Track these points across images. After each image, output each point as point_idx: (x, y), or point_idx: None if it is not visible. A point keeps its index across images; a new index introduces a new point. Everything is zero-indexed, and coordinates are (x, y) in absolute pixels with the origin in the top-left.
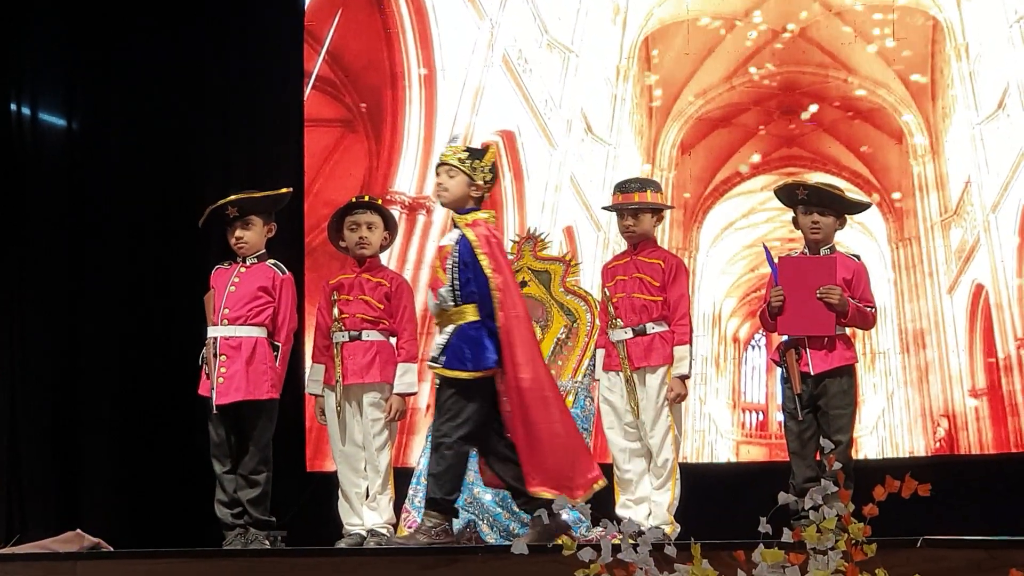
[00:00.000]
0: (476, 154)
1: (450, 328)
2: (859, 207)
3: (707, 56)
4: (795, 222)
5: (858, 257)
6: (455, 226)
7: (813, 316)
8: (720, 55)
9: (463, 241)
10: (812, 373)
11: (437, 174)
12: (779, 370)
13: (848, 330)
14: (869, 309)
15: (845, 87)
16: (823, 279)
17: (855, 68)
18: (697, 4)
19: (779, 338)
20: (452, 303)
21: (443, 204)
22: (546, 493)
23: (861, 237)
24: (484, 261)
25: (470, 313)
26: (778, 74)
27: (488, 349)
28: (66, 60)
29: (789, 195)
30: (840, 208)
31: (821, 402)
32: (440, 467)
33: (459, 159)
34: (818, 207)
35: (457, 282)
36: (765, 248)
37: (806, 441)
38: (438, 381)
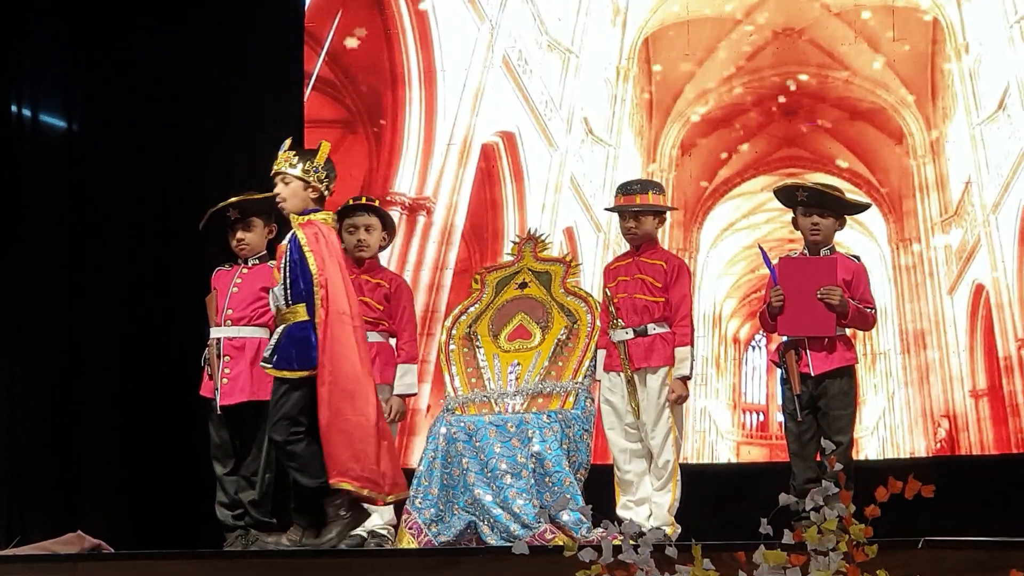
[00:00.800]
0: (307, 156)
1: (280, 328)
2: (858, 208)
3: (707, 57)
4: (795, 223)
5: (858, 258)
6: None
7: (813, 317)
8: (720, 55)
9: (293, 240)
10: (812, 374)
11: (274, 184)
12: (779, 371)
13: (848, 331)
14: (869, 310)
15: (845, 87)
16: (823, 280)
17: (855, 68)
18: (697, 4)
19: (779, 339)
20: (284, 302)
21: (284, 213)
22: (347, 484)
23: (861, 238)
24: (310, 259)
25: (300, 312)
26: (778, 74)
27: (314, 348)
28: (66, 61)
29: (788, 196)
30: (839, 209)
31: (821, 403)
32: (304, 458)
33: (290, 165)
34: (817, 208)
35: (288, 280)
36: (761, 249)
37: (806, 442)
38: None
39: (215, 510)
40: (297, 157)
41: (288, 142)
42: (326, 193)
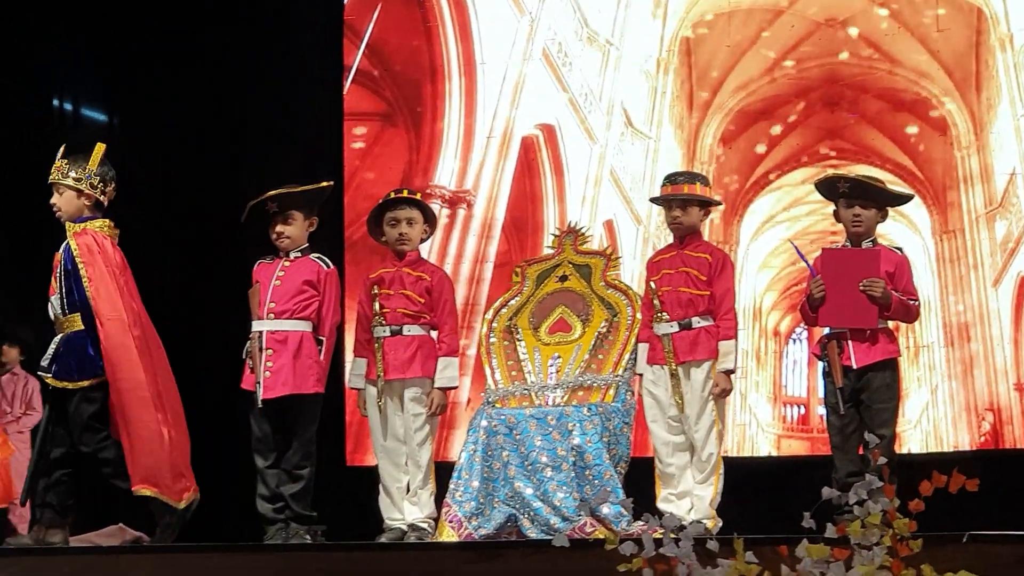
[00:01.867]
0: (79, 163)
1: (58, 337)
2: (900, 199)
3: (748, 48)
4: (836, 215)
5: (900, 249)
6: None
7: (855, 309)
8: (761, 47)
9: (66, 250)
10: (854, 367)
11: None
12: (821, 364)
13: (891, 323)
14: (912, 302)
15: (888, 78)
16: (866, 272)
17: (898, 59)
18: None
19: (821, 332)
20: (61, 312)
21: (62, 222)
22: (146, 491)
23: (904, 230)
24: (82, 270)
25: (77, 322)
26: (820, 66)
27: (93, 357)
28: (107, 56)
29: (830, 188)
30: (882, 200)
31: (863, 396)
32: (116, 463)
33: (62, 174)
34: (860, 199)
35: (63, 290)
36: (793, 245)
37: (848, 435)
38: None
39: (256, 503)
40: (69, 165)
41: (62, 149)
42: (102, 199)
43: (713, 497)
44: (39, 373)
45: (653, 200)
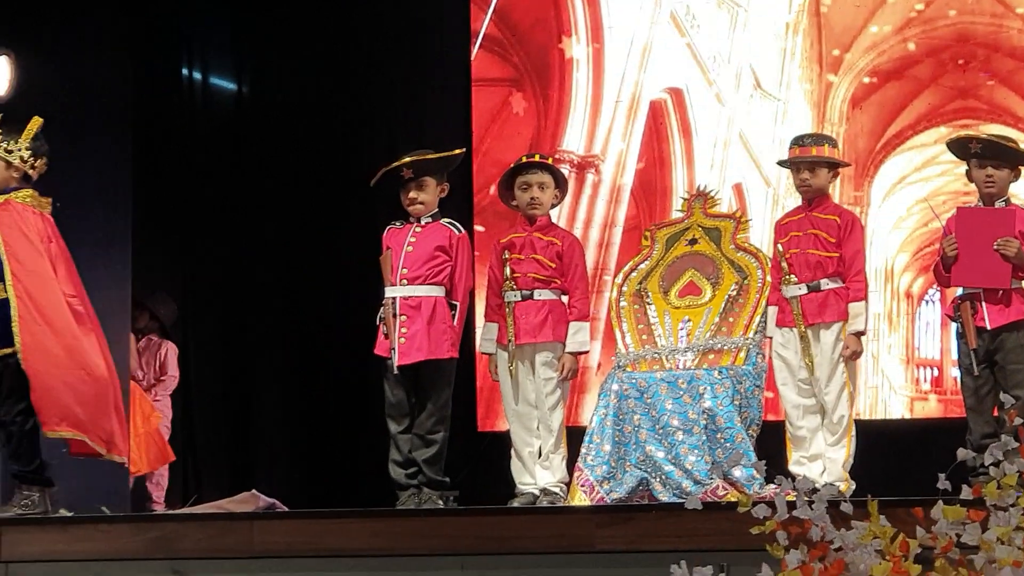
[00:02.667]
0: (11, 136)
1: None
2: None
3: (878, 8)
4: (968, 175)
5: None
6: None
7: (988, 268)
8: (891, 6)
9: None
10: (988, 327)
11: None
12: (954, 325)
13: None
14: None
15: (1020, 37)
16: (1000, 231)
17: None
18: None
19: (954, 293)
20: None
21: None
22: (67, 432)
23: None
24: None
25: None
26: (951, 24)
27: (9, 324)
28: (235, 25)
29: (962, 148)
30: (1014, 160)
31: (998, 357)
32: (12, 445)
33: None
34: (992, 160)
35: None
36: (929, 206)
37: (983, 397)
38: None
39: (388, 468)
40: (2, 137)
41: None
42: (31, 172)
43: (846, 459)
44: None
45: (780, 163)
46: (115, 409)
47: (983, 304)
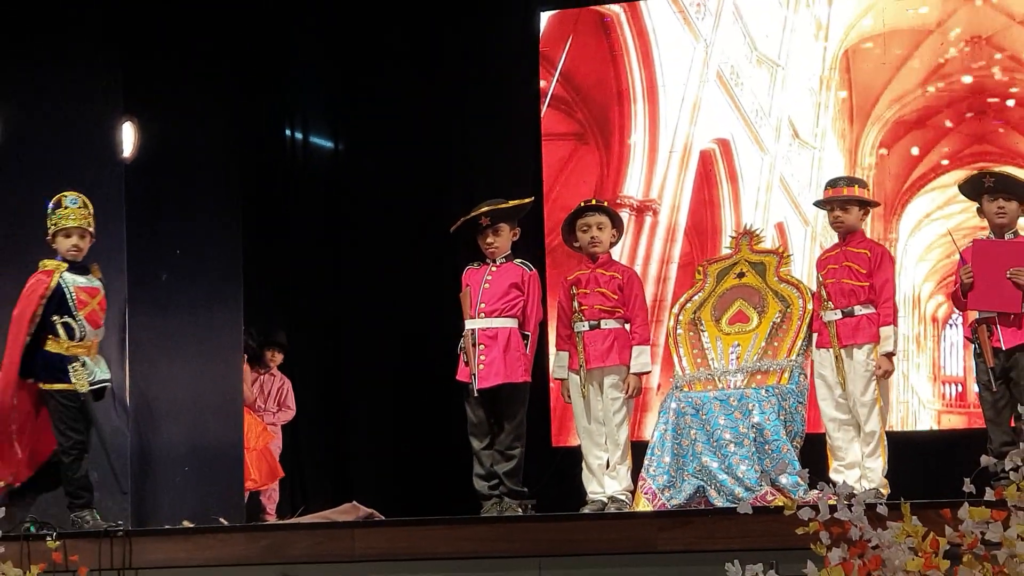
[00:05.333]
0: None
1: None
2: None
3: (902, 64)
4: (979, 211)
5: None
6: None
7: (1001, 294)
8: (914, 63)
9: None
10: (1004, 348)
11: None
12: (973, 346)
13: None
14: None
15: None
16: (1013, 261)
17: None
18: (893, 18)
19: (973, 317)
20: None
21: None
22: None
23: None
24: None
25: None
26: (967, 78)
27: None
28: (333, 89)
29: (975, 185)
30: None
31: (1012, 374)
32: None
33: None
34: (1003, 193)
35: None
36: (951, 237)
37: (1000, 409)
38: None
39: (472, 481)
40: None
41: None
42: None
43: (882, 468)
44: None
45: (817, 203)
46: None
47: (998, 327)
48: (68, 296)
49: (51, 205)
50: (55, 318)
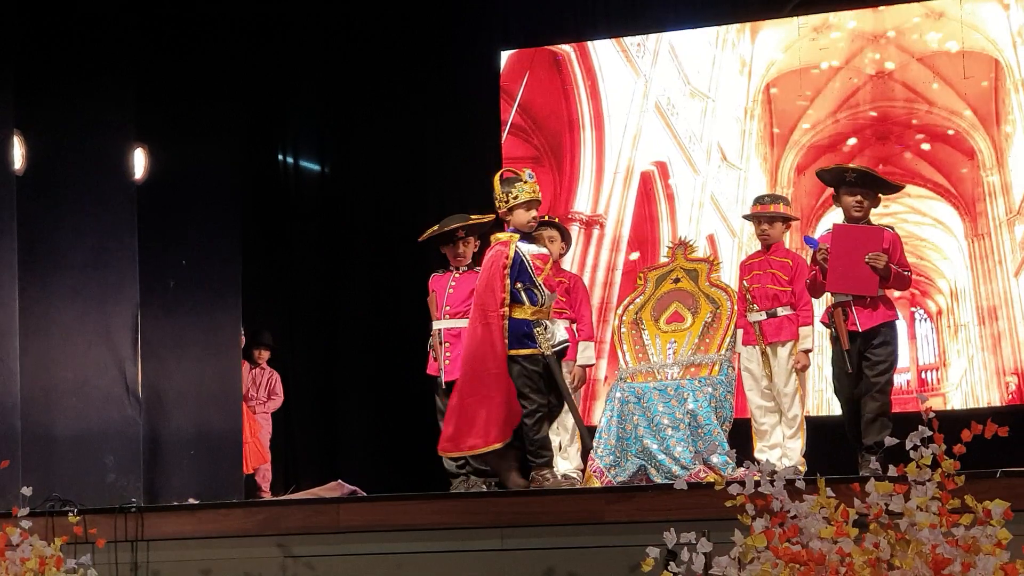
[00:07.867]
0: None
1: None
2: (896, 188)
3: (816, 96)
4: (835, 199)
5: (892, 228)
6: None
7: (859, 277)
8: (827, 95)
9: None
10: (860, 330)
11: None
12: (830, 330)
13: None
14: (906, 273)
15: (927, 116)
16: (871, 246)
17: (935, 101)
18: (808, 56)
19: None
20: None
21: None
22: None
23: (943, 234)
24: None
25: None
26: (873, 108)
27: None
28: (321, 119)
29: (836, 176)
30: (881, 188)
31: (866, 351)
32: None
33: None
34: (861, 188)
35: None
36: (805, 237)
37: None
38: None
39: (442, 461)
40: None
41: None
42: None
43: (801, 447)
44: None
45: (746, 217)
46: None
47: (853, 310)
48: (527, 264)
49: (502, 180)
50: (519, 286)
